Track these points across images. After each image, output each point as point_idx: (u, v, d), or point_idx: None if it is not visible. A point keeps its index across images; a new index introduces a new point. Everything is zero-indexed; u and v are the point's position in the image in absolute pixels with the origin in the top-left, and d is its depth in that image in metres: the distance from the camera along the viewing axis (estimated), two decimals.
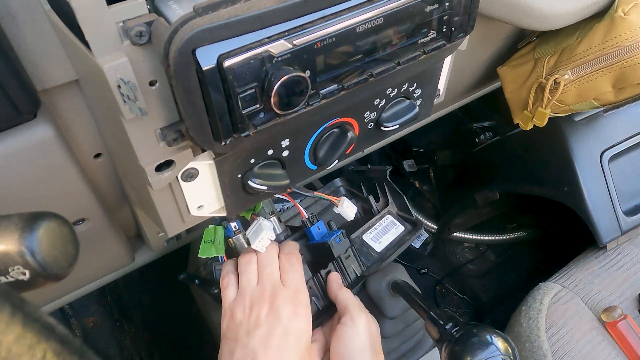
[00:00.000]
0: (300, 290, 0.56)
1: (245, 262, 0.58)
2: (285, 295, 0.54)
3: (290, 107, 0.39)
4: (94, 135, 0.48)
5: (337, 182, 0.91)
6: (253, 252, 0.58)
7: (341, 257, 0.66)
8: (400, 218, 0.79)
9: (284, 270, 0.57)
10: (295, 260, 0.58)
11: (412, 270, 1.61)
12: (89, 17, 0.32)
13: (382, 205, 0.81)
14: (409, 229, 0.77)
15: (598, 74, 0.69)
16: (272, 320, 0.53)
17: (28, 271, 0.32)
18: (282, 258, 0.58)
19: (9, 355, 0.21)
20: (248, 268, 0.57)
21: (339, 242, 0.65)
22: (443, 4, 0.43)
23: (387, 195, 0.82)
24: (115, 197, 0.58)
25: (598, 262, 1.07)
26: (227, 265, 0.60)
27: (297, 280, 0.56)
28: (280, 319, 0.53)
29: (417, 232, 0.77)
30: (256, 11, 0.35)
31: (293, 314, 0.54)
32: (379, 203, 0.82)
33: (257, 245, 0.58)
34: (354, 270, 0.67)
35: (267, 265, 0.57)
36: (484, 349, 0.53)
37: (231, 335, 0.54)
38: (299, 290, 0.56)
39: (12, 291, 0.24)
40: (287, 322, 0.53)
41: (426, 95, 0.56)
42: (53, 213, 0.35)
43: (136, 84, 0.34)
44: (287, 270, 0.57)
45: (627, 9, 0.64)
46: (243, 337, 0.53)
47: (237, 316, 0.54)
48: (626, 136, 1.08)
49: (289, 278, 0.56)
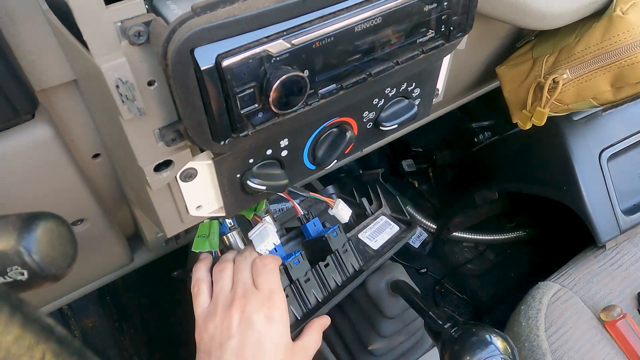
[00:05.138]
0: (275, 291, 0.53)
1: (220, 270, 0.56)
2: (257, 300, 0.52)
3: (288, 107, 0.39)
4: (92, 136, 0.48)
5: (329, 190, 0.92)
6: (230, 260, 0.57)
7: (339, 250, 0.66)
8: (394, 219, 0.80)
9: (257, 273, 0.55)
10: (270, 261, 0.56)
11: (411, 269, 1.61)
12: (87, 17, 0.32)
13: (375, 208, 0.82)
14: (404, 229, 0.78)
15: (596, 73, 0.69)
16: (245, 329, 0.51)
17: (26, 271, 0.32)
18: (256, 261, 0.56)
19: (7, 356, 0.21)
20: (222, 275, 0.55)
21: (336, 235, 0.65)
22: (441, 4, 0.43)
23: (380, 197, 0.82)
24: (114, 198, 0.58)
25: (597, 261, 1.07)
26: (198, 270, 0.58)
27: (270, 282, 0.54)
28: (253, 326, 0.51)
29: (412, 230, 0.77)
30: (254, 11, 0.35)
31: (266, 318, 0.52)
32: (372, 206, 0.82)
33: (262, 249, 0.58)
34: (352, 264, 0.68)
35: (240, 270, 0.55)
36: (483, 348, 0.53)
37: (204, 348, 0.52)
38: (273, 292, 0.53)
39: (10, 292, 0.24)
40: (261, 329, 0.51)
41: (425, 95, 0.56)
42: (51, 213, 0.35)
43: (134, 83, 0.34)
44: (261, 272, 0.54)
45: (625, 8, 0.64)
46: (216, 350, 0.51)
47: (209, 327, 0.52)
48: (625, 135, 1.08)
49: (261, 280, 0.54)
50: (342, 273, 0.66)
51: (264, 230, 0.59)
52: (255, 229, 0.60)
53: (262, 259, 0.56)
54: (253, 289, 0.53)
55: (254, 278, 0.55)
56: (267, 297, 0.53)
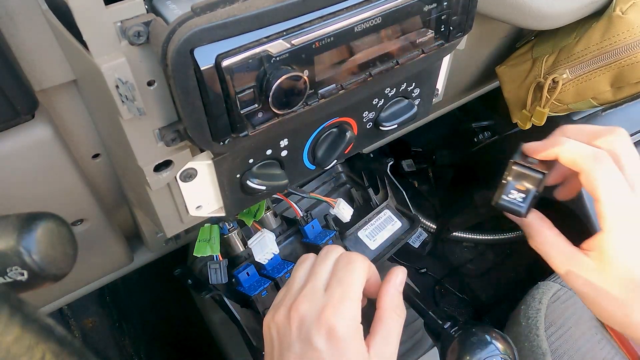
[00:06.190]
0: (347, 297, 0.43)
1: (302, 260, 0.49)
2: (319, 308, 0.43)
3: (288, 107, 0.39)
4: (92, 136, 0.48)
5: (338, 168, 0.91)
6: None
7: None
8: (398, 213, 0.79)
9: (336, 269, 0.46)
10: (356, 258, 0.46)
11: (411, 269, 1.61)
12: (86, 17, 0.32)
13: (381, 198, 0.81)
14: (406, 227, 0.78)
15: (596, 73, 0.69)
16: (303, 346, 0.42)
17: (26, 272, 0.32)
18: (342, 255, 0.48)
19: (7, 356, 0.21)
20: (301, 266, 0.49)
21: (332, 244, 0.65)
22: (441, 4, 0.43)
23: (387, 188, 0.82)
24: (114, 198, 0.58)
25: None
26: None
27: (347, 284, 0.44)
28: (311, 344, 0.42)
29: (413, 231, 0.77)
30: (254, 11, 0.35)
31: (328, 335, 0.42)
32: (378, 195, 0.82)
33: (261, 258, 0.58)
34: None
35: (319, 263, 0.47)
36: (483, 348, 0.53)
37: (268, 350, 0.46)
38: (345, 298, 0.43)
39: (10, 292, 0.24)
40: (322, 347, 0.42)
41: (425, 95, 0.56)
42: (51, 213, 0.35)
43: (134, 84, 0.34)
44: (339, 269, 0.45)
45: (625, 8, 0.64)
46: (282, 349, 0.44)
47: (271, 327, 0.46)
48: None
49: (335, 281, 0.45)
50: None
51: (262, 240, 0.59)
52: (254, 237, 0.60)
53: (349, 254, 0.47)
54: (322, 290, 0.45)
55: (332, 275, 0.46)
56: (335, 305, 0.43)
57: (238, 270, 0.63)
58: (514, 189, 0.49)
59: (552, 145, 0.47)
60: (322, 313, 0.42)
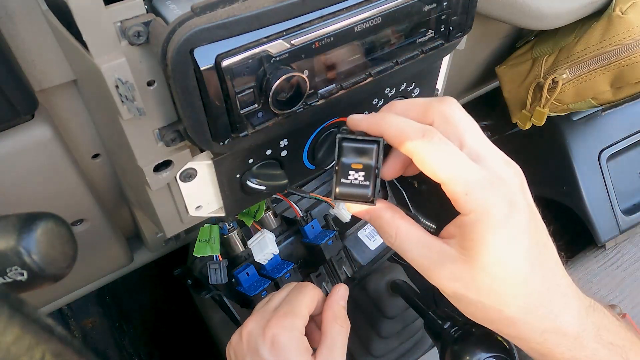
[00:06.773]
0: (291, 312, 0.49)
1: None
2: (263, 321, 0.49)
3: (288, 107, 0.39)
4: (92, 136, 0.48)
5: None
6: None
7: (333, 259, 0.65)
8: None
9: (289, 292, 0.52)
10: (308, 285, 0.52)
11: (411, 269, 1.61)
12: (86, 17, 0.32)
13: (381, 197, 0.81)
14: None
15: (596, 73, 0.69)
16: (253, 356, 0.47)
17: (26, 272, 0.32)
18: (299, 284, 0.54)
19: (7, 357, 0.21)
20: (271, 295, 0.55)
21: (331, 244, 0.65)
22: (441, 4, 0.43)
23: (387, 187, 0.82)
24: (114, 198, 0.58)
25: (597, 261, 1.07)
26: None
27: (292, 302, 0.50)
28: (258, 354, 0.47)
29: None
30: (254, 11, 0.35)
31: (272, 345, 0.46)
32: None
33: (261, 258, 0.58)
34: (345, 271, 0.68)
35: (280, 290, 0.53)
36: (483, 348, 0.53)
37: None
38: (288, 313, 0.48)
39: (10, 292, 0.24)
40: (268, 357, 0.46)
41: (424, 95, 0.56)
42: (51, 213, 0.35)
43: (134, 84, 0.34)
44: (291, 292, 0.52)
45: (624, 8, 0.64)
46: None
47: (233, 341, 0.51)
48: (624, 135, 1.08)
49: (286, 300, 0.51)
50: (334, 282, 0.66)
51: (262, 241, 0.59)
52: (254, 238, 0.60)
53: (302, 284, 0.53)
54: (271, 311, 0.50)
55: (283, 300, 0.51)
56: (278, 318, 0.48)
57: (238, 271, 0.63)
58: (351, 169, 0.39)
59: (376, 123, 0.38)
60: (266, 325, 0.47)
